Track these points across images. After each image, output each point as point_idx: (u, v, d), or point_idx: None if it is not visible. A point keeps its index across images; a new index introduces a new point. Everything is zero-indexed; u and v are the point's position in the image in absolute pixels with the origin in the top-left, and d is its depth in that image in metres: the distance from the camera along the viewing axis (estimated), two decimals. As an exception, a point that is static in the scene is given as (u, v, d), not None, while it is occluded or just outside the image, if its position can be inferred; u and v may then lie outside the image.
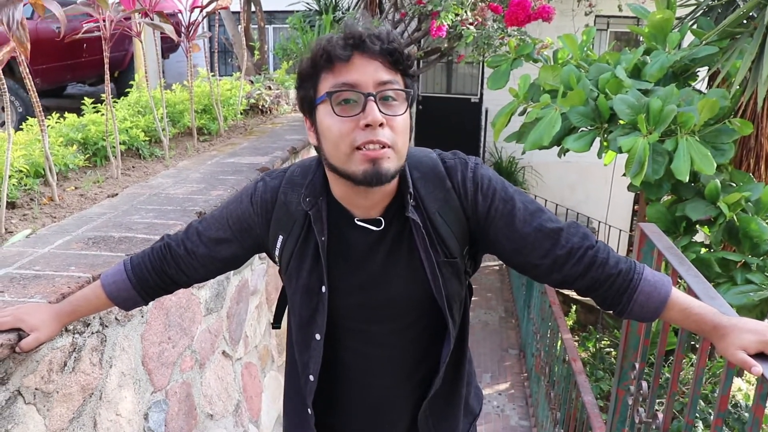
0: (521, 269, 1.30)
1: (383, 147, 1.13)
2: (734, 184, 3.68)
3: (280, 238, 1.30)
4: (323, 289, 1.27)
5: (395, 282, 1.28)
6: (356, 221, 1.25)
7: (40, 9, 2.08)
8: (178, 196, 2.45)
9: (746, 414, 4.13)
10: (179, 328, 2.11)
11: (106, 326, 1.68)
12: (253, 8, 6.31)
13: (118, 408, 1.75)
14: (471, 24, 5.59)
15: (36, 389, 1.41)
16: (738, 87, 3.43)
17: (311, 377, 1.35)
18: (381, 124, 1.12)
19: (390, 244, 1.26)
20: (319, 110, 1.17)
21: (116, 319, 1.72)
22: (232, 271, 2.49)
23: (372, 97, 1.12)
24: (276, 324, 1.55)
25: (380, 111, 1.12)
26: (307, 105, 1.21)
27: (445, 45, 6.58)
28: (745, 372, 1.55)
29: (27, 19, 2.15)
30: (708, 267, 3.32)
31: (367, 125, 1.12)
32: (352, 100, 1.13)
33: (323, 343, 1.32)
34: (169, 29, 2.85)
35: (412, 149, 1.29)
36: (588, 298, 1.31)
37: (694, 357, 4.58)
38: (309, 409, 1.39)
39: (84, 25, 2.75)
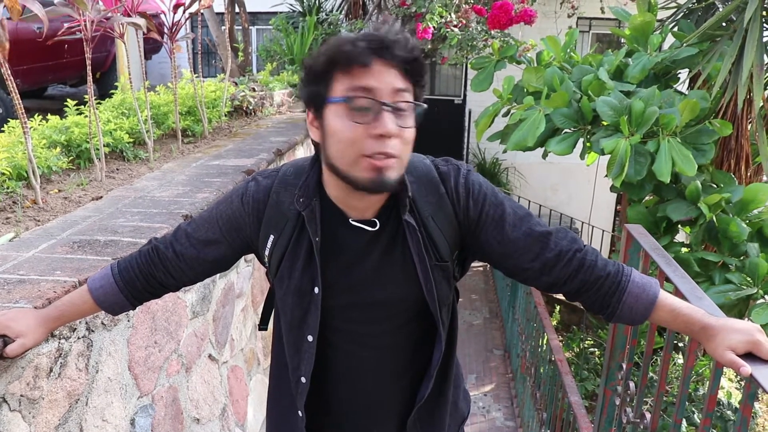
0: (511, 273, 1.31)
1: (390, 157, 1.13)
2: (715, 185, 3.73)
3: (271, 237, 1.29)
4: (316, 290, 1.27)
5: (388, 283, 1.28)
6: (351, 222, 1.25)
7: (15, 14, 2.05)
8: (163, 199, 2.43)
9: (728, 412, 4.19)
10: (165, 332, 2.10)
11: (93, 331, 1.66)
12: (236, 9, 6.28)
13: (104, 414, 1.73)
14: (455, 26, 5.61)
15: (21, 396, 1.39)
16: (718, 89, 3.48)
17: (303, 379, 1.35)
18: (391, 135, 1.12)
19: (384, 246, 1.26)
20: (329, 109, 1.15)
21: (102, 323, 1.71)
22: (217, 274, 2.48)
23: (388, 108, 1.12)
24: (263, 326, 1.54)
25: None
26: (316, 101, 1.18)
27: (429, 47, 6.59)
28: (726, 369, 1.57)
29: (6, 19, 2.11)
30: (687, 267, 3.37)
31: (380, 135, 1.11)
32: (367, 108, 1.12)
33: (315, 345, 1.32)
34: (143, 23, 2.82)
35: None
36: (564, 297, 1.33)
37: (676, 355, 4.64)
38: (300, 412, 1.39)
39: (65, 27, 2.71)
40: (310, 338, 1.31)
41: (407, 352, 1.37)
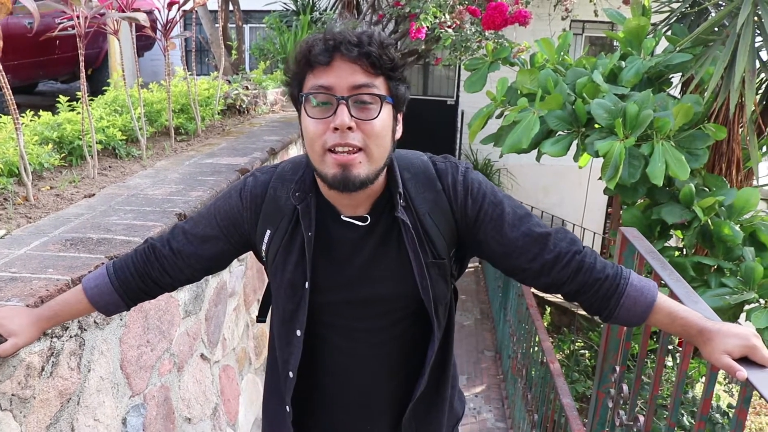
0: (509, 272, 1.31)
1: (355, 152, 1.15)
2: (707, 189, 3.75)
3: (268, 232, 1.30)
4: (306, 285, 1.28)
5: (382, 279, 1.28)
6: (342, 218, 1.26)
7: (4, 11, 2.02)
8: (156, 197, 2.41)
9: (716, 414, 4.21)
10: (158, 331, 2.08)
11: (85, 330, 1.65)
12: (230, 7, 6.26)
13: (96, 413, 1.72)
14: (449, 27, 5.61)
15: (12, 395, 1.38)
16: (710, 93, 3.50)
17: (291, 374, 1.35)
18: (350, 128, 1.14)
19: (377, 242, 1.26)
20: (302, 108, 1.20)
21: (95, 322, 1.69)
22: (210, 273, 2.46)
23: (343, 101, 1.14)
24: (261, 318, 1.54)
25: (351, 115, 1.14)
26: (294, 101, 1.24)
27: (423, 47, 6.59)
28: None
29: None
30: (683, 271, 3.38)
31: (336, 128, 1.14)
32: (328, 103, 1.16)
33: (304, 340, 1.32)
34: (142, 17, 2.79)
35: (403, 151, 1.30)
36: (562, 300, 1.34)
37: (665, 358, 4.65)
38: (287, 407, 1.39)
39: (58, 22, 2.69)
40: (298, 333, 1.32)
41: (402, 349, 1.37)
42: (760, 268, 3.14)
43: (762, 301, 3.16)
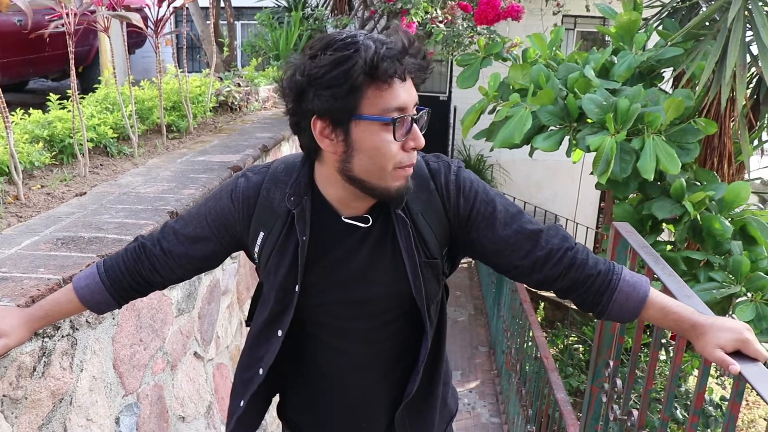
0: (502, 270, 1.31)
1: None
2: (698, 183, 3.76)
3: (261, 234, 1.29)
4: (297, 288, 1.27)
5: (377, 280, 1.28)
6: (343, 219, 1.25)
7: (3, 7, 2.01)
8: (148, 195, 2.40)
9: (709, 407, 4.23)
10: (151, 329, 2.07)
11: (77, 329, 1.64)
12: (222, 4, 6.23)
13: (88, 413, 1.71)
14: (441, 22, 5.60)
15: (4, 396, 1.37)
16: (702, 88, 3.51)
17: (261, 371, 1.36)
18: None
19: (374, 242, 1.26)
20: (361, 126, 1.12)
21: (87, 321, 1.68)
22: (203, 271, 2.45)
23: (416, 121, 1.15)
24: (250, 321, 1.54)
25: None
26: (338, 115, 1.12)
27: (415, 43, 6.56)
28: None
29: (-11, 12, 2.07)
30: (674, 265, 3.39)
31: (413, 148, 1.15)
32: (402, 123, 1.14)
33: (299, 340, 1.32)
34: (135, 18, 2.78)
35: None
36: (554, 295, 1.34)
37: (658, 353, 4.67)
38: (242, 402, 1.40)
39: (48, 20, 2.67)
40: (279, 333, 1.32)
41: (395, 348, 1.37)
42: (747, 261, 3.16)
43: (749, 294, 3.18)
